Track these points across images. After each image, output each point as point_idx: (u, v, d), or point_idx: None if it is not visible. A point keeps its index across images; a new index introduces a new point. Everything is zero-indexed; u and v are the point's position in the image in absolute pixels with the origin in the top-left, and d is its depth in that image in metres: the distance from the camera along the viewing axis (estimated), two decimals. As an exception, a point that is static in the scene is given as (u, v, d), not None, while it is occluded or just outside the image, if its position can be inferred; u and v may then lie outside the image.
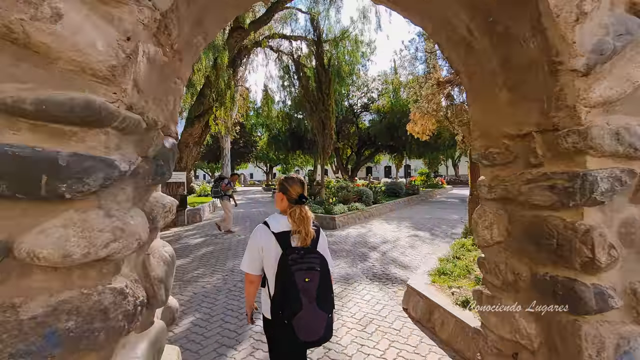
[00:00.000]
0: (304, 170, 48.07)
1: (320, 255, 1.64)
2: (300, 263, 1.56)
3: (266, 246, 1.65)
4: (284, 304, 1.56)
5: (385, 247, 6.93)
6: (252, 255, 1.70)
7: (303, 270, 1.55)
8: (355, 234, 8.50)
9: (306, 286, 1.54)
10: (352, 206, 10.79)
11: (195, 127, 10.43)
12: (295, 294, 1.52)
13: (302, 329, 1.54)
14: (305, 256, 1.59)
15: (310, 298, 1.54)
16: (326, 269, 1.64)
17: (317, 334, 1.58)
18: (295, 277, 1.53)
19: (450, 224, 9.70)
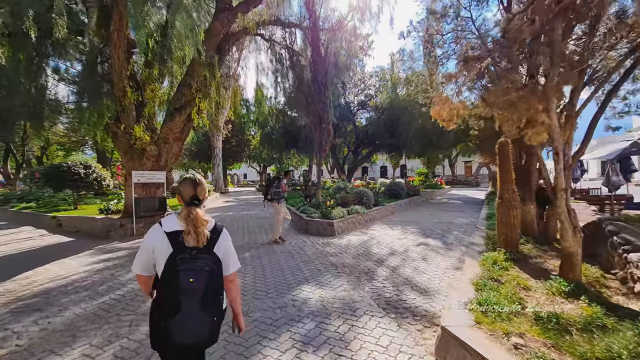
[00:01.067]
0: (299, 170, 46.88)
1: (214, 257, 1.61)
2: (188, 263, 1.51)
3: (157, 246, 1.59)
4: (163, 303, 1.52)
5: (394, 260, 5.81)
6: (143, 257, 1.65)
7: (189, 271, 1.49)
8: (356, 242, 7.37)
9: (190, 287, 1.47)
10: (351, 209, 9.66)
11: (176, 120, 9.21)
12: (176, 294, 1.46)
13: (178, 331, 1.46)
14: (197, 256, 1.54)
15: (194, 300, 1.47)
16: (217, 271, 1.59)
17: (196, 337, 1.50)
18: (180, 277, 1.47)
19: (462, 230, 8.63)
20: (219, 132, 26.28)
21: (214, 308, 1.55)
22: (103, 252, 6.63)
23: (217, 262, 1.61)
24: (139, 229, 8.74)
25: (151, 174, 9.06)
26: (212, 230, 1.68)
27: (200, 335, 1.51)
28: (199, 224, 1.60)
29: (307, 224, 8.83)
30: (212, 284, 1.54)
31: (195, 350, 1.67)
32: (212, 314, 1.54)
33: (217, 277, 1.58)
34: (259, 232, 8.77)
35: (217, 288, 1.59)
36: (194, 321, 1.47)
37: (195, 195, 1.69)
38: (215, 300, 1.57)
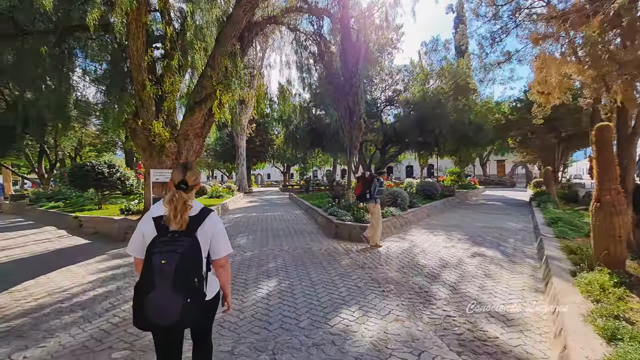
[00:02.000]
0: (322, 170, 45.98)
1: (192, 241, 1.60)
2: (165, 245, 1.54)
3: (146, 230, 1.65)
4: (141, 284, 1.55)
5: (449, 275, 4.70)
6: (135, 241, 1.71)
7: (163, 253, 1.51)
8: (396, 250, 6.30)
9: (161, 268, 1.49)
10: (386, 212, 8.57)
11: (196, 115, 8.51)
12: (151, 275, 1.49)
13: (152, 310, 1.48)
14: (175, 239, 1.57)
15: (166, 281, 1.47)
16: (192, 254, 1.57)
17: (170, 318, 1.49)
18: (153, 259, 1.51)
19: (518, 237, 7.33)
20: (243, 131, 25.86)
21: (186, 290, 1.52)
22: (114, 258, 5.96)
23: (195, 245, 1.61)
24: (158, 231, 8.09)
25: (170, 172, 8.40)
26: (198, 214, 1.70)
27: (171, 315, 1.49)
28: (181, 208, 1.62)
29: (337, 228, 7.84)
30: (184, 265, 1.53)
31: (171, 332, 1.68)
32: (185, 295, 1.51)
33: (189, 259, 1.56)
34: (284, 236, 7.88)
35: (189, 269, 1.56)
36: (165, 301, 1.48)
37: (184, 180, 1.68)
38: (188, 282, 1.54)
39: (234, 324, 3.24)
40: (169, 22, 8.34)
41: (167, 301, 1.47)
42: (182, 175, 1.68)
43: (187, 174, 1.68)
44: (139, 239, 1.68)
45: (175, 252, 1.52)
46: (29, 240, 7.91)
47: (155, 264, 1.49)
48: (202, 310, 1.65)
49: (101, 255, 6.19)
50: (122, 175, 12.59)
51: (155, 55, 9.63)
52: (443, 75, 14.88)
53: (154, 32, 9.98)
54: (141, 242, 1.65)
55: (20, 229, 9.91)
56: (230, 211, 13.99)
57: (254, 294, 4.06)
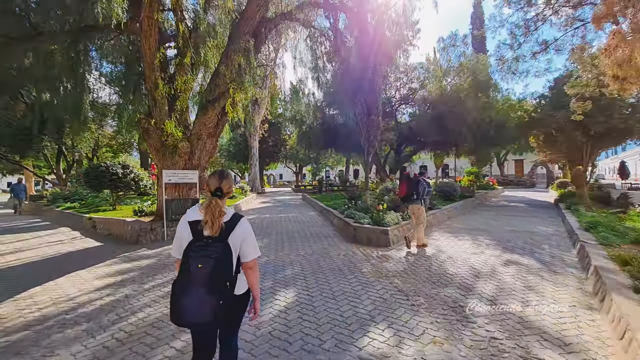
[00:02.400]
0: (335, 170, 45.53)
1: (225, 246, 1.70)
2: (200, 250, 1.64)
3: (183, 234, 1.76)
4: (177, 285, 1.65)
5: (484, 287, 4.23)
6: (175, 243, 1.83)
7: (199, 257, 1.62)
8: (421, 257, 5.85)
9: (198, 271, 1.60)
10: (407, 215, 8.11)
11: (209, 114, 8.26)
12: (187, 277, 1.61)
13: (188, 310, 1.60)
14: (210, 244, 1.67)
15: (201, 283, 1.59)
16: (225, 260, 1.68)
17: (204, 317, 1.61)
18: (190, 262, 1.62)
19: (552, 243, 6.75)
20: (256, 132, 25.72)
21: (219, 292, 1.64)
22: (125, 262, 5.72)
23: (227, 251, 1.70)
24: (171, 234, 7.86)
25: (183, 173, 8.17)
26: (230, 220, 1.78)
27: (205, 315, 1.60)
28: (217, 214, 1.72)
29: (356, 231, 7.43)
30: (218, 270, 1.64)
31: (205, 330, 1.83)
32: (218, 297, 1.62)
33: (223, 264, 1.67)
34: (300, 240, 7.52)
35: (223, 274, 1.67)
36: (200, 302, 1.59)
37: (220, 188, 1.79)
38: (221, 284, 1.66)
39: (249, 343, 2.88)
40: (181, 19, 8.10)
41: (202, 302, 1.59)
42: (218, 182, 1.80)
43: (222, 182, 1.81)
44: (177, 243, 1.80)
45: (210, 257, 1.63)
46: (43, 242, 7.80)
47: (192, 267, 1.61)
48: (232, 310, 1.79)
49: (112, 259, 5.96)
50: (136, 176, 12.50)
51: (169, 55, 9.49)
52: (462, 72, 14.25)
53: (167, 31, 9.82)
54: (180, 246, 1.77)
55: (36, 230, 9.89)
56: (243, 212, 13.75)
57: (271, 307, 3.70)
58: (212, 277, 1.61)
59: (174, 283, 1.69)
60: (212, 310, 1.61)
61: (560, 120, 12.95)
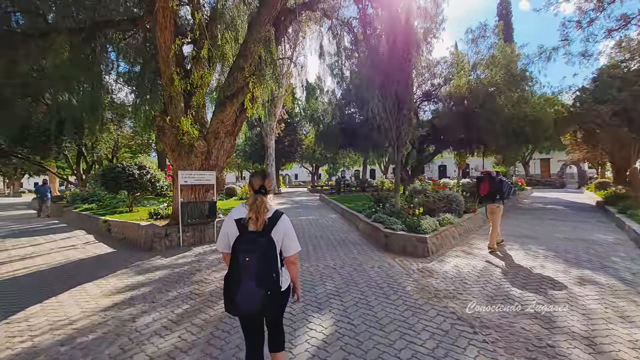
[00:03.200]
0: (351, 170, 44.59)
1: (269, 240, 1.82)
2: (247, 244, 1.78)
3: (229, 231, 1.89)
4: (230, 278, 1.81)
5: (568, 316, 3.37)
6: (221, 238, 1.96)
7: (246, 251, 1.75)
8: (468, 270, 5.00)
9: (245, 264, 1.73)
10: (443, 219, 7.25)
11: (227, 111, 7.64)
12: (237, 270, 1.75)
13: (239, 300, 1.73)
14: (255, 239, 1.79)
15: (249, 275, 1.72)
16: (270, 253, 1.81)
17: (252, 306, 1.73)
18: (239, 256, 1.76)
19: (620, 253, 5.76)
20: (272, 131, 25.20)
21: (266, 283, 1.76)
22: (137, 273, 5.12)
23: (272, 245, 1.83)
24: (187, 239, 7.29)
25: (200, 174, 7.59)
26: (272, 216, 1.90)
27: (254, 305, 1.73)
28: (262, 210, 1.85)
29: (387, 238, 6.63)
30: (263, 262, 1.76)
31: (256, 318, 1.98)
32: (266, 288, 1.75)
33: (267, 257, 1.79)
34: (326, 248, 6.78)
35: (268, 266, 1.79)
36: (250, 293, 1.72)
37: (263, 186, 1.93)
38: (267, 276, 1.77)
39: (285, 401, 2.16)
40: (197, 7, 7.51)
41: (252, 293, 1.73)
42: (261, 181, 1.95)
43: (265, 181, 1.96)
44: (224, 238, 1.93)
45: (256, 251, 1.77)
46: (55, 247, 7.37)
47: (240, 260, 1.76)
48: (278, 300, 1.92)
49: (123, 269, 5.39)
50: (152, 177, 12.10)
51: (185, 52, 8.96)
52: (493, 64, 13.15)
53: (183, 26, 9.30)
54: (226, 241, 1.92)
55: (52, 233, 9.55)
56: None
57: (307, 340, 2.97)
58: (259, 270, 1.73)
59: (225, 276, 1.86)
60: (261, 300, 1.73)
61: (605, 115, 11.71)
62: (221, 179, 8.25)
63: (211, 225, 7.74)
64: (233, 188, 18.00)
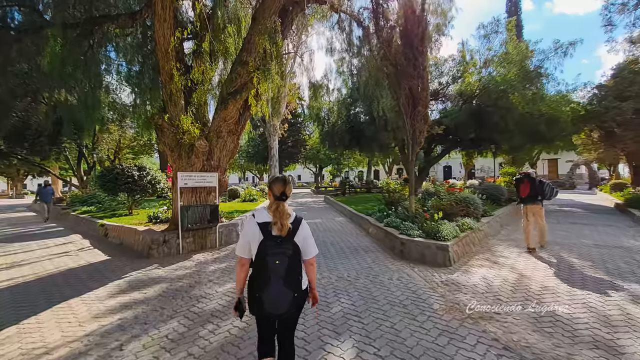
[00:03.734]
0: (354, 171, 43.99)
1: (294, 244, 1.89)
2: (274, 248, 1.83)
3: (252, 234, 1.89)
4: (257, 280, 1.85)
5: (636, 345, 2.82)
6: (243, 241, 1.95)
7: (275, 255, 1.82)
8: (500, 284, 4.45)
9: (275, 267, 1.81)
10: (463, 224, 6.70)
11: (230, 108, 7.13)
12: (266, 273, 1.81)
13: (268, 302, 1.81)
14: (281, 244, 1.85)
15: (278, 277, 1.80)
16: (296, 256, 1.90)
17: (281, 308, 1.83)
18: (268, 260, 1.81)
19: (667, 264, 5.18)
20: (275, 132, 24.69)
21: (294, 285, 1.86)
22: (130, 288, 4.61)
23: (297, 249, 1.91)
24: (187, 246, 6.78)
25: (201, 175, 7.08)
26: (294, 222, 1.94)
27: (283, 306, 1.83)
28: (284, 217, 1.88)
29: (403, 246, 6.09)
30: (292, 266, 1.86)
31: (282, 320, 1.98)
32: (293, 290, 1.85)
33: (295, 261, 1.89)
34: (337, 255, 6.24)
35: (296, 269, 1.90)
36: (280, 295, 1.80)
37: (284, 192, 1.92)
38: (295, 279, 1.88)
39: None
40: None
41: (281, 295, 1.81)
42: (283, 187, 1.93)
43: (286, 187, 1.94)
44: (246, 242, 1.93)
45: (285, 254, 1.84)
46: (46, 255, 6.88)
47: (270, 264, 1.80)
48: (301, 302, 1.97)
49: (116, 281, 4.89)
50: (153, 179, 11.62)
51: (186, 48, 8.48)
52: (507, 61, 12.57)
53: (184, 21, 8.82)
54: (248, 244, 1.92)
55: (47, 237, 9.07)
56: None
57: (326, 379, 2.44)
58: (288, 273, 1.83)
59: (250, 278, 1.92)
60: (289, 302, 1.84)
61: (627, 112, 11.09)
62: (224, 180, 7.72)
63: (213, 231, 7.23)
64: (236, 189, 17.51)
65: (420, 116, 7.04)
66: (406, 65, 6.92)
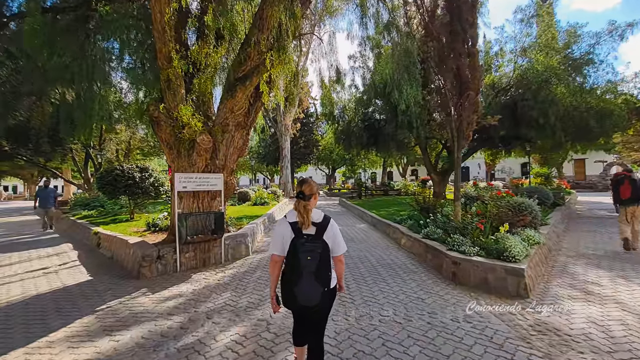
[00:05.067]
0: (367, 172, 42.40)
1: (323, 242, 2.01)
2: (305, 245, 1.96)
3: (285, 233, 2.04)
4: (291, 275, 1.99)
5: None
6: (277, 240, 2.09)
7: (307, 252, 1.94)
8: (629, 336, 3.04)
9: (307, 263, 1.93)
10: (532, 237, 5.28)
11: (238, 96, 5.91)
12: (299, 268, 1.94)
13: (300, 295, 1.96)
14: (311, 241, 1.98)
15: (309, 272, 1.93)
16: (325, 253, 2.00)
17: (313, 301, 1.97)
18: (300, 256, 1.94)
19: None
20: (287, 131, 23.54)
21: (323, 280, 1.99)
22: (101, 331, 3.36)
23: (326, 246, 2.02)
24: (186, 262, 5.56)
25: (203, 177, 5.86)
26: (322, 221, 2.07)
27: (314, 299, 1.97)
28: (302, 212, 2.01)
29: (457, 267, 4.72)
30: (322, 262, 1.97)
31: (313, 312, 2.09)
32: (323, 285, 1.98)
33: (325, 257, 2.00)
34: (370, 275, 4.91)
35: (326, 265, 2.01)
36: (311, 289, 1.95)
37: (301, 191, 2.05)
38: (325, 274, 2.00)
39: None
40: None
41: (312, 289, 1.94)
42: (299, 187, 2.08)
43: (302, 186, 2.07)
44: (279, 240, 2.07)
45: (316, 251, 1.95)
46: (22, 271, 5.77)
47: (302, 259, 1.93)
48: (331, 297, 2.12)
49: (88, 317, 3.67)
50: (156, 181, 10.53)
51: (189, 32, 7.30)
52: (549, 47, 11.03)
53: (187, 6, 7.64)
54: (281, 243, 2.06)
55: (34, 247, 8.02)
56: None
57: None
58: (319, 268, 1.94)
59: (283, 273, 2.08)
60: (319, 296, 1.96)
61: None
62: (231, 183, 6.45)
63: (218, 243, 5.99)
64: (246, 192, 16.33)
65: (470, 103, 5.65)
66: (452, 41, 5.55)
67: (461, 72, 5.61)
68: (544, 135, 11.49)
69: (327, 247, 2.00)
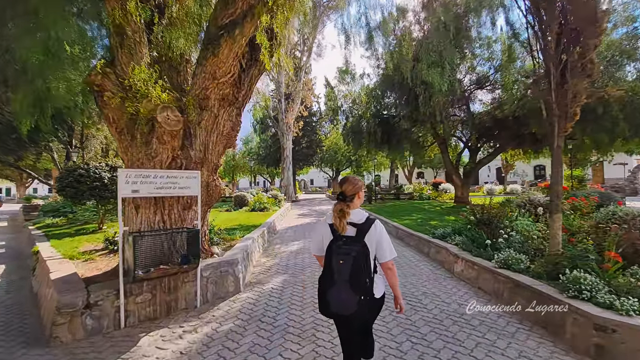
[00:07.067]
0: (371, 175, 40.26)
1: (363, 245, 1.76)
2: (341, 248, 1.75)
3: (324, 234, 1.89)
4: (324, 279, 1.80)
5: None
6: (316, 239, 1.98)
7: (340, 255, 1.73)
8: None
9: (339, 267, 1.72)
10: None
11: (223, 53, 3.86)
12: (331, 272, 1.74)
13: (333, 302, 1.74)
14: (347, 243, 1.77)
15: (343, 278, 1.70)
16: (363, 258, 1.74)
17: (347, 310, 1.72)
18: (332, 259, 1.75)
19: None
20: (289, 130, 21.49)
21: (360, 289, 1.71)
22: None
23: (365, 250, 1.76)
24: (138, 311, 3.45)
25: (168, 175, 3.73)
26: (364, 222, 1.83)
27: (348, 308, 1.71)
28: (341, 216, 1.81)
29: (603, 336, 2.61)
30: (356, 267, 1.71)
31: (353, 322, 1.85)
32: (359, 293, 1.70)
33: (361, 262, 1.73)
34: (437, 344, 2.80)
35: (361, 271, 1.72)
36: (344, 296, 1.70)
37: (342, 192, 1.88)
38: (362, 281, 1.72)
39: None
40: None
41: (346, 296, 1.70)
42: (340, 187, 1.92)
43: (343, 187, 1.90)
44: (319, 240, 1.95)
45: (350, 254, 1.72)
46: None
47: (334, 263, 1.74)
48: (371, 307, 1.82)
49: None
50: (130, 182, 8.40)
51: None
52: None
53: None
54: (320, 243, 1.93)
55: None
56: (280, 234, 9.24)
57: None
58: (352, 274, 1.70)
59: (320, 277, 1.86)
60: (354, 304, 1.70)
61: None
62: (214, 185, 4.25)
63: (191, 277, 3.86)
64: (244, 196, 14.23)
65: (582, 63, 3.58)
66: None
67: (577, 11, 3.53)
68: (601, 129, 9.40)
69: (366, 251, 1.75)
